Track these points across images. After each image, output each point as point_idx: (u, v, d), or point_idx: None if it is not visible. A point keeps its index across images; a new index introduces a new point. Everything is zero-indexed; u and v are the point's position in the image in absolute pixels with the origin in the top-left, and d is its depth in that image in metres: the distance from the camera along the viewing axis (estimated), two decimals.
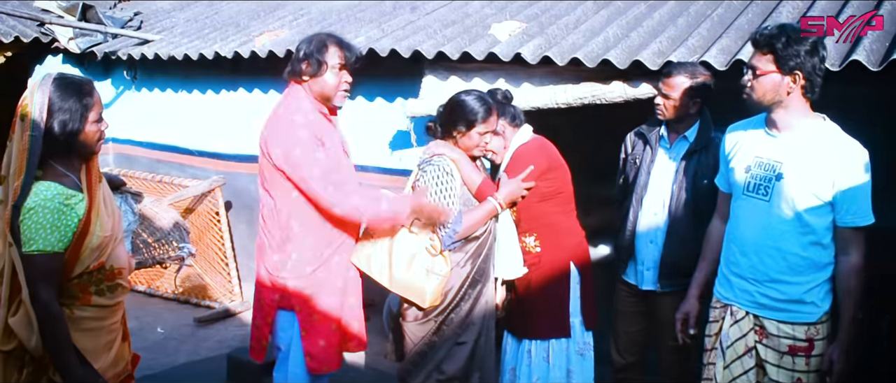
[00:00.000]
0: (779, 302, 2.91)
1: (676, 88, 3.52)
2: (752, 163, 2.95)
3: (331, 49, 3.29)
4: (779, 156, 2.87)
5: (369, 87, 5.66)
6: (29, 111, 2.41)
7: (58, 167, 2.47)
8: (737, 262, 3.01)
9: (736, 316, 3.01)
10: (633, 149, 3.83)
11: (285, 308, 3.37)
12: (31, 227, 2.37)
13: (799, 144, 2.84)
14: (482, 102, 3.37)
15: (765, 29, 2.84)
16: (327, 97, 3.33)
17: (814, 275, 2.88)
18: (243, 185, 6.52)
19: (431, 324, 3.38)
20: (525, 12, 5.46)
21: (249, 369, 4.51)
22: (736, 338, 2.99)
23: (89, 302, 2.56)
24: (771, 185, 2.88)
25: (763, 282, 2.93)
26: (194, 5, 8.33)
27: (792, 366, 2.90)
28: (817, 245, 2.86)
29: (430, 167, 3.35)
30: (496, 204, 3.41)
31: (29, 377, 2.52)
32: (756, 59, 2.82)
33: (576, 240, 3.71)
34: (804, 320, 2.89)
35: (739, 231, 3.01)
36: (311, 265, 3.32)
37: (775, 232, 2.88)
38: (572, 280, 3.63)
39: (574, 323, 3.63)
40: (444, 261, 3.32)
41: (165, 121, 7.15)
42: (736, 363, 2.98)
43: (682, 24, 4.61)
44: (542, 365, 3.63)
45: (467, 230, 3.35)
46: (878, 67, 3.43)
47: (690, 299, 3.34)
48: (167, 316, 6.25)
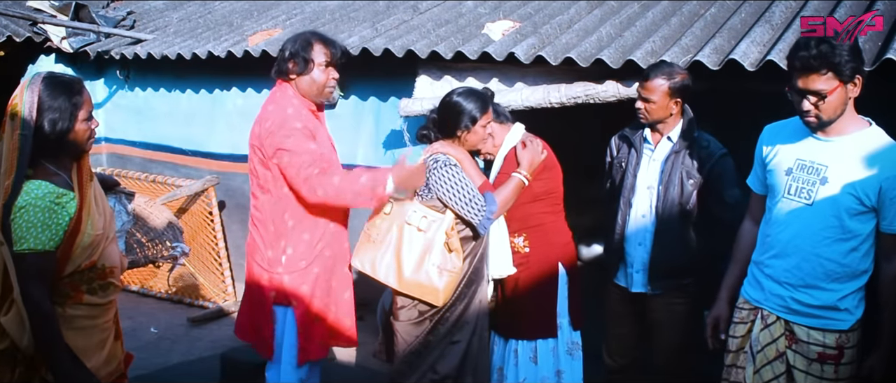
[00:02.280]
0: (812, 308, 2.84)
1: (656, 91, 3.50)
2: (794, 166, 2.87)
3: (316, 47, 3.33)
4: (824, 159, 2.79)
5: (363, 87, 5.66)
6: (19, 110, 2.41)
7: (48, 166, 2.47)
8: (771, 265, 2.93)
9: (767, 320, 2.94)
10: (617, 152, 3.83)
11: (281, 304, 3.38)
12: (22, 226, 2.37)
13: (846, 148, 2.76)
14: (475, 97, 3.41)
15: (808, 51, 2.63)
16: (315, 94, 3.38)
17: (850, 282, 2.81)
18: (237, 185, 6.52)
19: (426, 324, 3.37)
20: (518, 11, 5.47)
21: (243, 369, 4.51)
22: (766, 343, 2.93)
23: (81, 300, 2.55)
24: (814, 189, 2.79)
25: (798, 287, 2.85)
26: (187, 5, 8.31)
27: (820, 374, 2.85)
28: (856, 251, 2.79)
29: (436, 164, 3.35)
30: (522, 177, 3.45)
31: (21, 376, 2.52)
32: (814, 81, 2.64)
33: (564, 240, 3.72)
34: (836, 327, 2.83)
35: (777, 234, 2.92)
36: (305, 259, 3.35)
37: (816, 236, 2.80)
38: (560, 280, 3.64)
39: (562, 324, 3.64)
40: (457, 257, 3.32)
41: (159, 120, 7.13)
42: (766, 368, 2.92)
43: (676, 24, 4.62)
44: (529, 366, 3.63)
45: (502, 208, 3.41)
46: (871, 66, 3.45)
47: (721, 303, 3.21)
48: (161, 315, 6.24)
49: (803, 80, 2.67)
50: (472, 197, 3.29)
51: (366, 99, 5.73)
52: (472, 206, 3.29)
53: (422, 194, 3.38)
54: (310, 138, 3.25)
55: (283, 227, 3.33)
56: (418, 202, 3.37)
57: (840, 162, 2.76)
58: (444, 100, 3.47)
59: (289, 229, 3.33)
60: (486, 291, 3.53)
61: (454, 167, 3.34)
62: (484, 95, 3.45)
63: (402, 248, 3.32)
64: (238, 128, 6.15)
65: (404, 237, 3.33)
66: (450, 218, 3.32)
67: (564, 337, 3.65)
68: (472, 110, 3.38)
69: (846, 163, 2.75)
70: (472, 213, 3.29)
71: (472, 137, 3.43)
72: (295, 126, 3.23)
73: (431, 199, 3.36)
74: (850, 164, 2.74)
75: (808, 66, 2.64)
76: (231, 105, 6.58)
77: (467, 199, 3.29)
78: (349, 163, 5.24)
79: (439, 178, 3.32)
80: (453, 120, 3.41)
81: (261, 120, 3.33)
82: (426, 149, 3.52)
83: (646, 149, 3.68)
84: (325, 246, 3.40)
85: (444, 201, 3.32)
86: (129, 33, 7.23)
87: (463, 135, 3.42)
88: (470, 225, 3.34)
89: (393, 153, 5.57)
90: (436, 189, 3.33)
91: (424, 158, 3.44)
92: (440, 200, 3.33)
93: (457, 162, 3.38)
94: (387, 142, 5.62)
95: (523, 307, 3.64)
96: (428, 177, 3.36)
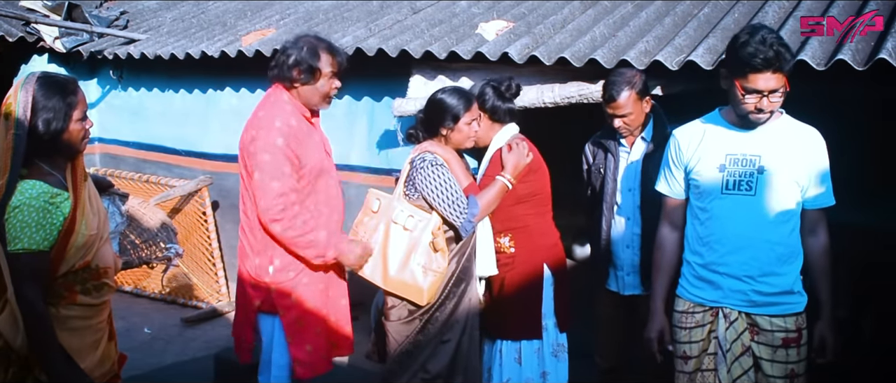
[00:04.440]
0: (772, 295, 2.92)
1: (627, 104, 3.50)
2: (726, 161, 2.94)
3: (323, 57, 3.23)
4: (755, 150, 2.90)
5: (357, 87, 5.65)
6: (13, 110, 2.41)
7: (43, 166, 2.46)
8: (726, 262, 2.97)
9: (729, 317, 2.98)
10: (594, 158, 3.84)
11: (267, 311, 3.34)
12: (17, 226, 2.36)
13: (770, 136, 2.89)
14: (460, 94, 3.42)
15: (769, 50, 2.68)
16: (316, 103, 3.30)
17: (795, 262, 2.94)
18: (230, 185, 6.50)
19: (416, 323, 3.37)
20: (512, 11, 5.47)
21: (237, 369, 4.49)
22: (732, 340, 2.97)
23: (75, 301, 2.55)
24: (754, 179, 2.89)
25: (757, 277, 2.92)
26: (181, 4, 8.29)
27: (785, 359, 2.93)
28: (794, 231, 2.94)
29: (423, 163, 3.35)
30: (505, 180, 3.43)
31: (14, 376, 2.51)
32: (777, 81, 2.72)
33: (550, 241, 3.70)
34: (794, 311, 2.95)
35: (723, 230, 2.96)
36: (293, 269, 3.29)
37: (764, 224, 2.90)
38: (545, 281, 3.62)
39: (547, 325, 3.62)
40: (442, 257, 3.31)
41: (152, 120, 7.12)
42: (735, 364, 2.96)
43: (669, 24, 4.63)
44: (513, 366, 3.61)
45: (484, 211, 3.39)
46: (863, 67, 3.45)
47: (658, 315, 3.19)
48: (154, 316, 6.23)
49: (764, 78, 2.72)
50: (455, 198, 3.29)
51: (360, 99, 5.72)
52: (455, 208, 3.28)
53: (409, 193, 3.39)
54: (288, 160, 3.14)
55: (271, 235, 3.23)
56: (406, 201, 3.37)
57: (770, 150, 2.88)
58: (429, 98, 3.48)
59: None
60: (476, 290, 3.53)
61: (440, 167, 3.34)
62: (469, 95, 3.44)
63: (388, 247, 3.33)
64: (232, 128, 6.13)
65: (390, 235, 3.34)
66: (436, 218, 3.32)
67: (550, 339, 3.63)
68: (455, 107, 3.37)
69: (776, 150, 2.88)
70: (454, 215, 3.29)
71: (455, 135, 3.42)
72: (276, 143, 3.12)
73: (418, 199, 3.36)
74: (780, 150, 2.87)
75: (769, 65, 2.69)
76: (225, 105, 6.57)
77: (451, 201, 3.28)
78: (343, 164, 5.24)
79: (424, 178, 3.32)
80: (437, 117, 3.41)
81: (249, 126, 3.25)
82: (414, 149, 3.51)
83: (621, 151, 3.70)
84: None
85: (428, 201, 3.32)
86: (123, 33, 7.21)
87: (447, 132, 3.42)
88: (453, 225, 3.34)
89: (387, 153, 5.57)
90: (421, 188, 3.33)
91: (412, 157, 3.44)
92: (424, 199, 3.33)
93: (444, 161, 3.38)
94: (380, 143, 5.61)
95: (508, 307, 3.63)
96: (414, 176, 3.36)
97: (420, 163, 3.36)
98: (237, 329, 3.51)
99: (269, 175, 3.11)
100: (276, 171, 3.12)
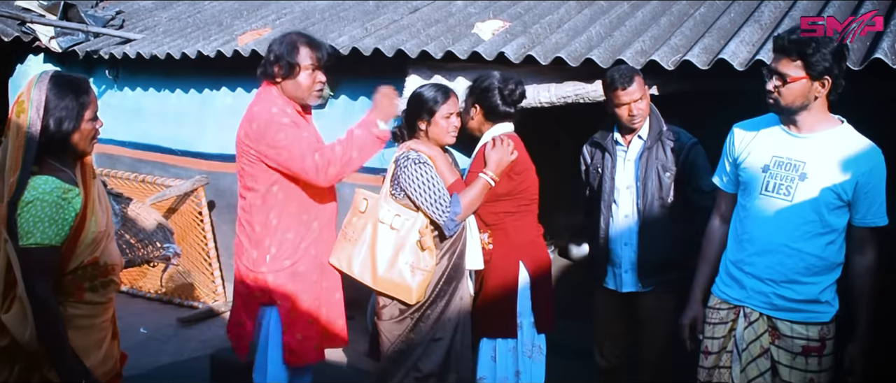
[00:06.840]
0: (794, 302, 2.88)
1: (638, 89, 3.52)
2: (771, 163, 2.90)
3: (302, 50, 3.30)
4: (801, 156, 2.83)
5: (352, 87, 5.65)
6: (25, 108, 2.42)
7: (54, 163, 2.48)
8: (752, 263, 2.95)
9: (750, 317, 2.96)
10: (591, 159, 3.85)
11: (267, 303, 3.38)
12: (30, 220, 2.37)
13: (821, 145, 2.81)
14: (436, 88, 3.41)
15: (791, 34, 2.74)
16: (300, 98, 3.36)
17: (828, 275, 2.87)
18: (226, 185, 6.49)
19: (408, 322, 3.37)
20: (509, 11, 5.47)
21: (233, 369, 4.49)
22: (750, 340, 2.94)
23: (82, 298, 2.55)
24: (793, 185, 2.83)
25: (780, 283, 2.88)
26: (176, 4, 8.29)
27: (805, 367, 2.89)
28: (833, 245, 2.85)
29: (407, 161, 3.34)
30: (487, 178, 3.38)
31: (20, 374, 2.51)
32: (784, 65, 2.73)
33: (527, 238, 3.61)
34: (819, 320, 2.88)
35: (755, 231, 2.94)
36: (289, 258, 3.35)
37: (796, 232, 2.84)
38: (521, 280, 3.55)
39: (523, 324, 3.54)
40: (430, 256, 3.31)
41: (148, 120, 7.11)
42: (751, 365, 2.94)
43: (665, 24, 4.63)
44: (489, 364, 3.56)
45: (467, 210, 3.35)
46: (859, 66, 3.46)
47: (695, 304, 3.22)
48: (150, 316, 6.22)
49: (776, 60, 2.78)
50: (438, 196, 3.28)
51: (356, 99, 5.72)
52: (438, 206, 3.27)
53: (394, 192, 3.38)
54: (299, 128, 3.26)
55: (268, 227, 3.33)
56: (392, 200, 3.37)
57: (817, 158, 2.81)
58: (411, 94, 3.48)
59: (273, 228, 3.33)
60: (467, 288, 3.51)
61: (424, 165, 3.32)
62: (447, 89, 3.42)
63: (376, 246, 3.32)
64: (227, 127, 6.11)
65: (378, 235, 3.33)
66: (423, 217, 3.32)
67: (524, 338, 3.55)
68: (430, 101, 3.36)
69: (824, 160, 2.80)
70: (437, 213, 3.28)
71: (433, 129, 3.40)
72: (282, 122, 3.23)
73: (403, 198, 3.35)
74: (828, 161, 2.80)
75: (782, 48, 2.74)
76: (220, 105, 6.56)
77: (433, 199, 3.28)
78: None
79: (408, 176, 3.31)
80: (416, 112, 3.41)
81: (247, 120, 3.32)
82: (399, 147, 3.50)
83: (618, 150, 3.71)
84: (309, 244, 3.39)
85: (412, 199, 3.31)
86: (118, 33, 7.21)
87: (425, 127, 3.41)
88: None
89: (382, 153, 5.55)
90: (404, 186, 3.32)
91: (396, 156, 3.43)
92: (409, 198, 3.33)
93: (428, 158, 3.36)
94: None
95: (485, 304, 3.59)
96: (399, 175, 3.36)
97: (404, 161, 3.35)
98: (234, 325, 3.52)
99: (293, 146, 3.21)
100: (295, 138, 3.22)
